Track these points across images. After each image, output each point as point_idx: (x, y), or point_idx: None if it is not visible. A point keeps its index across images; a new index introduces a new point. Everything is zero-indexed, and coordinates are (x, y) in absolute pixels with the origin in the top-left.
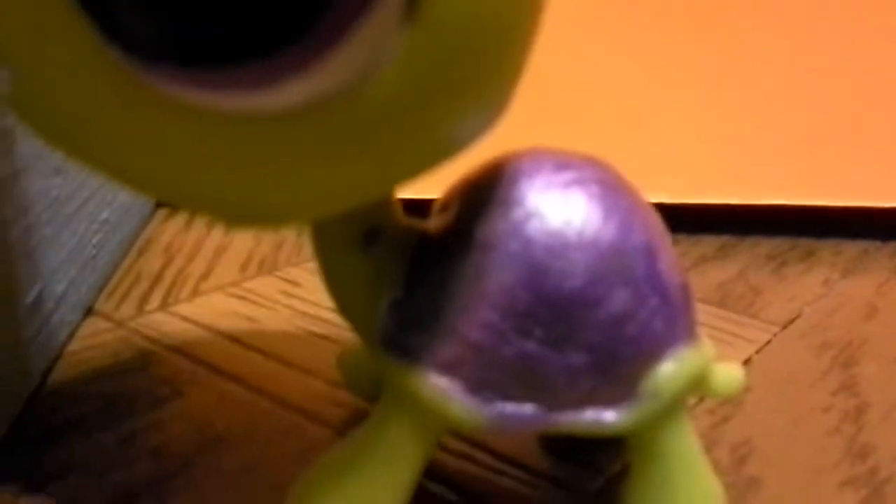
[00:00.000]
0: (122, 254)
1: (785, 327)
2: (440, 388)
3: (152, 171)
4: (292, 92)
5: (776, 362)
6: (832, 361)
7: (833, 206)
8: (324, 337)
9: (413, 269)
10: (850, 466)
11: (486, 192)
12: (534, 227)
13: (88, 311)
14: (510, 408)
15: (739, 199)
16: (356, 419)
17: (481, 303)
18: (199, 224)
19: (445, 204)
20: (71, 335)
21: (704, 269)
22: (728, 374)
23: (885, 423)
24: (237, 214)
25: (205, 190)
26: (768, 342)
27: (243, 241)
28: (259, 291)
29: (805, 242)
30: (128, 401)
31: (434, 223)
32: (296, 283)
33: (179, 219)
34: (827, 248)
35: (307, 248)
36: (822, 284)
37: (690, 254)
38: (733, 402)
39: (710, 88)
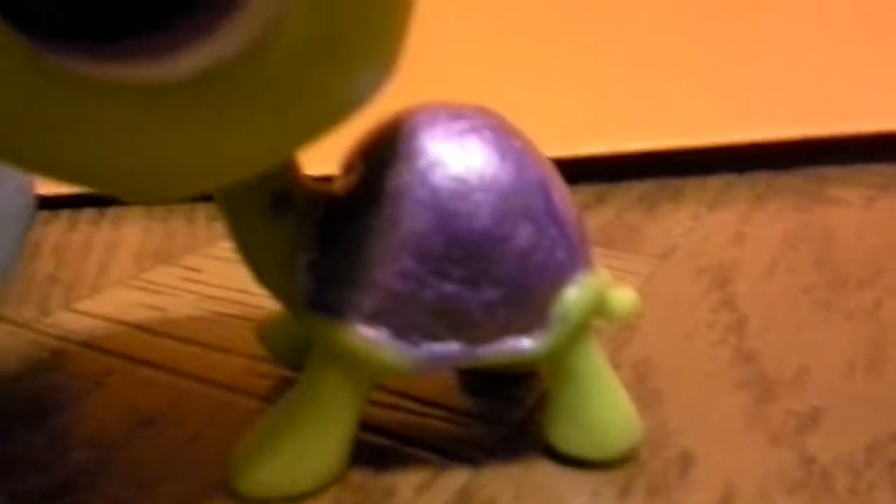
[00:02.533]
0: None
1: (664, 258)
2: (368, 337)
3: (57, 150)
4: (193, 59)
5: (661, 289)
6: (709, 283)
7: (694, 146)
8: (234, 316)
9: (326, 229)
10: (739, 371)
11: (388, 147)
12: (438, 174)
13: None
14: (437, 348)
15: (609, 149)
16: (283, 388)
17: (397, 252)
18: (84, 222)
19: (349, 164)
20: None
21: (586, 216)
22: (624, 297)
23: (765, 332)
24: (142, 188)
25: (112, 165)
26: (652, 273)
27: (133, 235)
28: (160, 281)
29: (672, 182)
30: (49, 398)
31: (340, 183)
32: (196, 270)
33: (63, 219)
34: (692, 185)
35: (199, 235)
36: (691, 218)
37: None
38: (629, 327)
39: (575, 44)
